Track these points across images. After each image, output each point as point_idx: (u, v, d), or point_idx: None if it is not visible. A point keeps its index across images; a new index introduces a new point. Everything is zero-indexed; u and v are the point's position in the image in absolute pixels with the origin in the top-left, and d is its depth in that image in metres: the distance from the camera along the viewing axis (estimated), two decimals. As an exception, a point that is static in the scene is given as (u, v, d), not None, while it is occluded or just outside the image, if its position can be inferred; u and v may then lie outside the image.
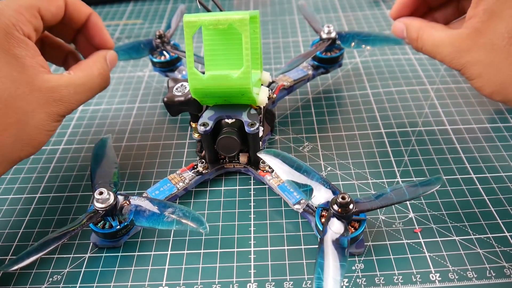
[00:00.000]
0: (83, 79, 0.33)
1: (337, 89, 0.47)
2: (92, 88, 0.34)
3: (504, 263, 0.29)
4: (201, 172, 0.36)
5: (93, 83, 0.34)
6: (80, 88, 0.33)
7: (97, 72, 0.35)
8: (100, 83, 0.35)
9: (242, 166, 0.36)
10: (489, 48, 0.31)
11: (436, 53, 0.34)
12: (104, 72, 0.36)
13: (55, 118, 0.32)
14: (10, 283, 0.30)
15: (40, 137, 0.31)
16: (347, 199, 0.28)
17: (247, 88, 0.32)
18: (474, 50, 0.32)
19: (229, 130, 0.34)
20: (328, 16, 0.62)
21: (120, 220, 0.31)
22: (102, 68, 0.35)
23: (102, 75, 0.35)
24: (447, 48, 0.33)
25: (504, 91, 0.31)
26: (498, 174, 0.35)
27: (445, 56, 0.34)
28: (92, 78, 0.34)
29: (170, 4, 0.69)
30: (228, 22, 0.30)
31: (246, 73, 0.31)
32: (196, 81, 0.32)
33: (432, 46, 0.35)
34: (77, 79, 0.33)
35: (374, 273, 0.29)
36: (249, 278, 0.29)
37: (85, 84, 0.33)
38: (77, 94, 0.33)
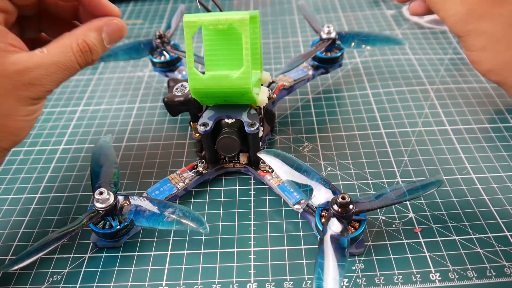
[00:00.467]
0: (57, 57, 0.29)
1: (337, 89, 0.47)
2: (69, 66, 0.30)
3: (504, 263, 0.29)
4: (201, 172, 0.36)
5: (69, 60, 0.29)
6: (53, 67, 0.29)
7: (75, 47, 0.30)
8: (78, 61, 0.30)
9: (242, 166, 0.36)
10: (504, 21, 0.28)
11: (441, 9, 0.30)
12: (89, 48, 0.30)
13: (28, 102, 0.28)
14: (10, 283, 0.30)
15: (16, 124, 0.29)
16: (347, 199, 0.28)
17: (247, 88, 0.32)
18: (486, 18, 0.28)
19: (229, 130, 0.34)
20: (328, 16, 0.62)
21: (120, 220, 0.31)
22: (86, 42, 0.30)
23: (83, 51, 0.30)
24: (456, 6, 0.29)
25: (505, 72, 0.28)
26: (498, 174, 0.35)
27: (450, 15, 0.30)
28: (68, 55, 0.29)
29: (170, 4, 0.69)
30: (228, 22, 0.30)
31: (246, 73, 0.31)
32: (196, 81, 0.32)
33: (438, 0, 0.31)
34: (50, 57, 0.29)
35: (374, 273, 0.29)
36: (249, 278, 0.29)
37: (60, 62, 0.29)
38: (50, 75, 0.29)
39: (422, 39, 0.54)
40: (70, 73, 0.30)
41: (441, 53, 0.51)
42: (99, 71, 0.53)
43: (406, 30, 0.56)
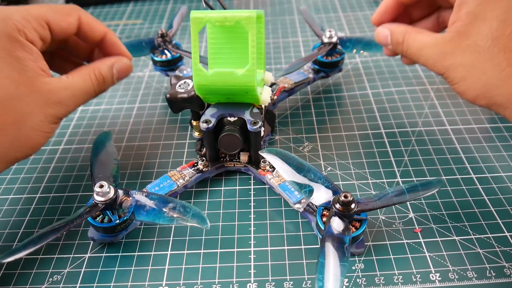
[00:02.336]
0: (81, 83, 0.34)
1: (337, 89, 0.47)
2: (89, 91, 0.34)
3: (504, 263, 0.29)
4: (201, 170, 0.36)
5: (89, 86, 0.34)
6: (77, 91, 0.33)
7: (93, 76, 0.34)
8: (95, 88, 0.35)
9: (242, 165, 0.36)
10: (473, 50, 0.31)
11: (420, 56, 0.34)
12: (103, 78, 0.35)
13: (52, 120, 0.32)
14: (10, 283, 0.30)
15: (37, 138, 0.31)
16: (349, 198, 0.28)
17: (252, 86, 0.32)
18: (458, 52, 0.31)
19: (232, 128, 0.34)
20: (328, 16, 0.62)
21: (120, 215, 0.31)
22: (101, 73, 0.35)
23: (98, 80, 0.35)
24: (431, 50, 0.33)
25: (488, 94, 0.31)
26: (498, 174, 0.35)
27: (428, 59, 0.34)
28: (87, 82, 0.34)
29: (170, 4, 0.69)
30: (235, 19, 0.30)
31: (251, 70, 0.31)
32: (201, 77, 0.32)
33: (416, 49, 0.35)
34: (75, 82, 0.33)
35: (374, 273, 0.29)
36: (249, 278, 0.29)
37: (82, 88, 0.34)
38: (74, 97, 0.33)
39: (422, 39, 0.54)
40: (88, 97, 0.35)
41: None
42: (99, 71, 0.53)
43: (406, 30, 0.56)
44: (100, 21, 0.65)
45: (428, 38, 0.34)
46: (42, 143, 0.32)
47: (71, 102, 0.33)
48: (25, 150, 0.31)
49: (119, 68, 0.36)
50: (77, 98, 0.33)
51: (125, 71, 0.37)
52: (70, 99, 0.33)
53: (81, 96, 0.34)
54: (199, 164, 0.36)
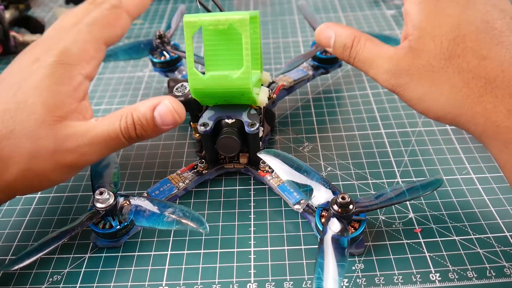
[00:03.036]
0: (105, 126, 0.29)
1: (337, 89, 0.47)
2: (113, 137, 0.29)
3: (504, 263, 0.29)
4: (201, 172, 0.36)
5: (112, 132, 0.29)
6: (98, 138, 0.29)
7: (123, 120, 0.29)
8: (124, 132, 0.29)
9: (242, 166, 0.36)
10: (428, 70, 0.29)
11: (370, 68, 0.31)
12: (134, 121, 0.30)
13: (64, 170, 0.29)
14: (10, 283, 0.30)
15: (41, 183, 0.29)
16: (347, 199, 0.28)
17: (247, 88, 0.32)
18: (414, 71, 0.29)
19: (229, 130, 0.34)
20: (328, 16, 0.62)
21: (120, 220, 0.31)
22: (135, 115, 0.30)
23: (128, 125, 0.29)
24: (385, 63, 0.30)
25: (449, 115, 0.28)
26: (498, 174, 0.35)
27: (380, 73, 0.31)
28: (114, 125, 0.29)
29: (170, 4, 0.69)
30: (228, 22, 0.30)
31: (246, 73, 0.31)
32: (196, 81, 0.32)
33: (366, 58, 0.31)
34: (98, 126, 0.29)
35: (374, 273, 0.29)
36: (249, 278, 0.29)
37: (104, 133, 0.29)
38: (92, 145, 0.29)
39: (422, 39, 0.54)
40: (114, 146, 0.30)
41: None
42: (99, 71, 0.53)
43: (406, 30, 0.56)
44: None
45: (381, 49, 0.31)
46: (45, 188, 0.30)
47: (89, 150, 0.29)
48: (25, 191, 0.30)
49: (162, 111, 0.30)
50: (98, 146, 0.29)
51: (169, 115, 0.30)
52: (88, 147, 0.29)
53: (104, 144, 0.29)
54: (199, 166, 0.36)
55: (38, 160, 0.28)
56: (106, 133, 0.29)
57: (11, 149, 0.28)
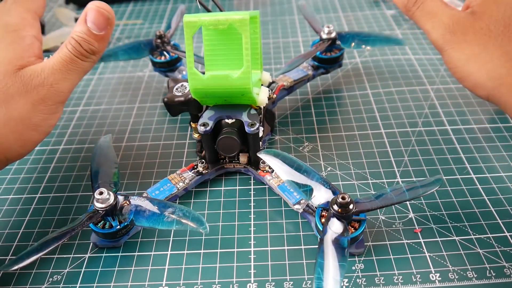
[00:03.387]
0: (57, 55, 0.32)
1: (337, 89, 0.47)
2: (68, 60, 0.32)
3: (504, 263, 0.29)
4: (201, 172, 0.36)
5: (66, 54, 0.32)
6: (56, 66, 0.32)
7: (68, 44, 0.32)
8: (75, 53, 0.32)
9: (242, 166, 0.36)
10: (484, 33, 0.29)
11: (429, 19, 0.32)
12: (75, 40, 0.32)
13: (41, 108, 0.31)
14: (10, 283, 0.30)
15: (27, 133, 0.30)
16: (347, 199, 0.28)
17: (247, 88, 0.32)
18: (470, 32, 0.30)
19: (229, 130, 0.34)
20: (328, 16, 0.62)
21: (120, 220, 0.31)
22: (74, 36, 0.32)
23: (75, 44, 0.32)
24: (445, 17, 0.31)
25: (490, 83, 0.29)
26: (498, 174, 0.35)
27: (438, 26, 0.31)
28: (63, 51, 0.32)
29: (170, 4, 0.69)
30: (228, 22, 0.30)
31: (246, 73, 0.31)
32: (196, 81, 0.32)
33: (430, 9, 0.33)
34: (53, 58, 0.32)
35: (374, 273, 0.29)
36: (249, 278, 0.29)
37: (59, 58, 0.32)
38: (55, 73, 0.31)
39: (422, 39, 0.54)
40: (72, 66, 0.32)
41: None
42: (99, 71, 0.53)
43: (406, 30, 0.56)
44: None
45: (446, 6, 0.32)
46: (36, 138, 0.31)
47: (54, 79, 0.31)
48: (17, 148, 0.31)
49: (93, 19, 0.33)
50: (60, 73, 0.32)
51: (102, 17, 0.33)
52: (52, 76, 0.31)
53: (64, 69, 0.32)
54: (199, 166, 0.36)
55: (15, 105, 0.30)
56: (61, 59, 0.32)
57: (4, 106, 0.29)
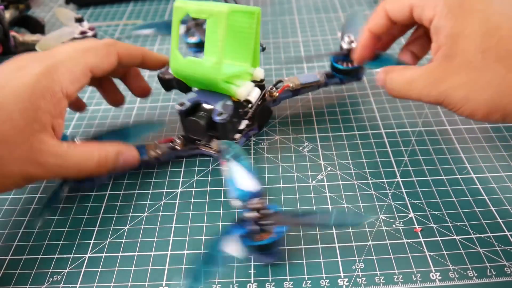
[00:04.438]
0: (77, 158, 0.32)
1: (337, 89, 0.47)
2: (84, 169, 0.32)
3: (504, 262, 0.29)
4: (175, 148, 0.37)
5: (85, 166, 0.32)
6: (70, 163, 0.31)
7: (96, 159, 0.32)
8: (93, 170, 0.33)
9: (215, 152, 0.37)
10: (466, 68, 0.29)
11: (409, 90, 0.32)
12: (106, 162, 0.33)
13: (25, 178, 0.30)
14: (10, 283, 0.30)
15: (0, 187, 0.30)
16: (260, 207, 0.28)
17: (215, 78, 0.34)
18: (451, 74, 0.30)
19: (201, 114, 0.36)
20: (328, 16, 0.62)
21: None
22: (107, 157, 0.33)
23: (100, 163, 0.33)
24: (421, 81, 0.31)
25: (500, 105, 0.29)
26: (498, 174, 0.35)
27: (421, 90, 0.31)
28: (86, 161, 0.32)
29: (170, 4, 0.69)
30: (209, 13, 0.32)
31: (217, 63, 0.33)
32: (175, 62, 0.35)
33: (404, 83, 0.33)
34: (73, 154, 0.32)
35: (374, 272, 0.29)
36: (249, 278, 0.29)
37: (78, 163, 0.32)
38: (62, 168, 0.31)
39: (422, 39, 0.54)
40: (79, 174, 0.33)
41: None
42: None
43: (406, 30, 0.56)
44: (100, 21, 0.65)
45: (415, 72, 0.32)
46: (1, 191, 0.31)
47: (55, 170, 0.31)
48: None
49: (125, 159, 0.34)
50: (65, 170, 0.32)
51: (129, 164, 0.35)
52: (55, 168, 0.31)
53: (71, 170, 0.32)
54: (175, 142, 0.37)
55: (7, 163, 0.29)
56: (79, 163, 0.32)
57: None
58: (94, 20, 0.66)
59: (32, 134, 0.29)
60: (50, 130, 0.31)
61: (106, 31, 0.62)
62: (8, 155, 0.29)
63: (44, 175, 0.31)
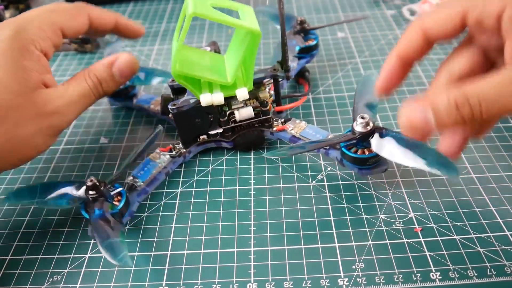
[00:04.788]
0: (75, 88, 0.33)
1: (337, 89, 0.47)
2: (85, 95, 0.34)
3: (504, 262, 0.29)
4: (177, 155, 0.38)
5: (85, 89, 0.34)
6: (73, 97, 0.33)
7: (88, 80, 0.34)
8: (93, 91, 0.34)
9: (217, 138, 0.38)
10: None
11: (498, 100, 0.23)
12: (98, 80, 0.35)
13: (47, 132, 0.31)
14: (10, 283, 0.30)
15: (26, 150, 0.31)
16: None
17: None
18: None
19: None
20: (328, 16, 0.62)
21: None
22: (96, 75, 0.34)
23: (95, 82, 0.34)
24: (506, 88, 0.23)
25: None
26: (498, 174, 0.35)
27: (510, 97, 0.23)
28: (83, 85, 0.34)
29: (170, 4, 0.69)
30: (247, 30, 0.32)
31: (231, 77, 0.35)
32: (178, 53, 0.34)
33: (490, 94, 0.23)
34: (69, 89, 0.33)
35: (374, 272, 0.29)
36: (249, 278, 0.29)
37: (77, 93, 0.33)
38: (70, 104, 0.32)
39: (422, 39, 0.54)
40: (88, 101, 0.34)
41: (441, 53, 0.51)
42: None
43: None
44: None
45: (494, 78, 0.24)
46: (32, 156, 0.32)
47: (68, 110, 0.32)
48: (12, 161, 0.31)
49: (120, 66, 0.35)
50: (75, 105, 0.33)
51: (128, 67, 0.36)
52: (66, 107, 0.32)
53: (79, 102, 0.33)
54: (176, 148, 0.38)
55: (23, 126, 0.30)
56: (78, 92, 0.33)
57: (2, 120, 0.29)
58: (94, 20, 0.66)
59: (30, 92, 0.31)
60: (43, 86, 0.32)
61: (106, 31, 0.62)
62: (20, 118, 0.30)
63: (60, 119, 0.32)
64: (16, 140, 0.30)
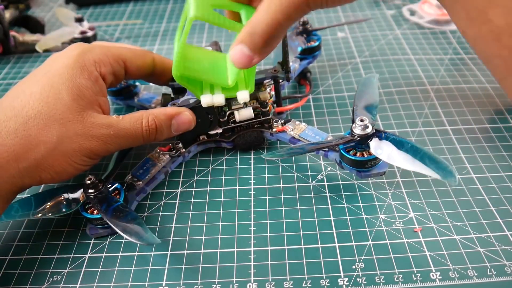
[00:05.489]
0: (127, 124, 0.33)
1: (337, 89, 0.47)
2: (134, 135, 0.33)
3: (505, 262, 0.29)
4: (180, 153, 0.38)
5: (136, 130, 0.33)
6: (121, 132, 0.32)
7: (145, 122, 0.33)
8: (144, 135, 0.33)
9: (216, 138, 0.38)
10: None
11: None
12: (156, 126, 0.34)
13: (86, 153, 0.31)
14: (10, 283, 0.30)
15: (65, 165, 0.31)
16: None
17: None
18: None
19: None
20: (328, 16, 0.62)
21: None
22: (156, 121, 0.34)
23: (150, 127, 0.34)
24: None
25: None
26: (498, 174, 0.35)
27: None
28: (136, 126, 0.33)
29: (170, 4, 0.69)
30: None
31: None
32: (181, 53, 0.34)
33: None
34: (121, 123, 0.33)
35: (374, 272, 0.29)
36: (249, 278, 0.29)
37: (128, 129, 0.33)
38: (116, 137, 0.32)
39: (422, 39, 0.54)
40: (133, 142, 0.34)
41: (441, 53, 0.51)
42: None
43: (406, 30, 0.56)
44: (100, 21, 0.65)
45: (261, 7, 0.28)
46: (69, 172, 0.31)
47: (111, 141, 0.32)
48: (51, 173, 0.31)
49: (180, 121, 0.35)
50: (119, 139, 0.32)
51: (186, 124, 0.36)
52: (110, 138, 0.32)
53: (124, 138, 0.33)
54: (176, 147, 0.38)
55: (67, 141, 0.30)
56: (130, 132, 0.33)
57: (40, 128, 0.30)
58: (94, 20, 0.66)
59: (82, 110, 0.31)
60: (97, 107, 0.33)
61: (106, 31, 0.62)
62: (65, 134, 0.30)
63: (101, 146, 0.32)
64: (58, 153, 0.30)
